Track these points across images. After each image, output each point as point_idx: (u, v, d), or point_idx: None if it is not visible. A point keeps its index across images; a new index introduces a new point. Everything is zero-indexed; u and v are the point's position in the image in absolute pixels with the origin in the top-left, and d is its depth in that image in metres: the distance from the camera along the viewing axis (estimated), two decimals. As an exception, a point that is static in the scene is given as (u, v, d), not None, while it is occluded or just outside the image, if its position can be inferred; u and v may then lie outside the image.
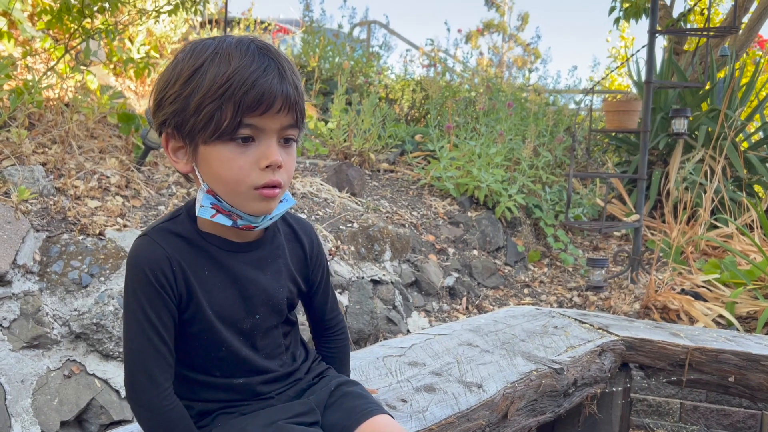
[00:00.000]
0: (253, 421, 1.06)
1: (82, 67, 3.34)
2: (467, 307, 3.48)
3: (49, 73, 3.18)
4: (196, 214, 1.03)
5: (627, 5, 5.64)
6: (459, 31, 11.28)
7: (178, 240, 1.03)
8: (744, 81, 5.53)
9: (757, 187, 5.13)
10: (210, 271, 1.04)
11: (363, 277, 3.05)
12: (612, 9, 5.76)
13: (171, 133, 1.01)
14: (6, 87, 2.98)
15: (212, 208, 1.01)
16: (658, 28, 4.37)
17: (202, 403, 1.09)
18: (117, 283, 2.21)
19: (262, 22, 6.55)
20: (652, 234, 4.65)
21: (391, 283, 3.17)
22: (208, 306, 1.03)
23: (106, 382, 2.09)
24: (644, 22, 5.70)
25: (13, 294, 2.03)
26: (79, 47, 3.40)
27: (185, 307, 1.03)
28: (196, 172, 1.02)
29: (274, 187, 0.99)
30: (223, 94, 0.94)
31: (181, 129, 0.98)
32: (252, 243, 1.09)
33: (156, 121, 1.02)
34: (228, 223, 1.02)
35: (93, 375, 2.08)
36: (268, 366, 1.12)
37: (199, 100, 0.95)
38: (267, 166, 0.98)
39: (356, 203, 3.74)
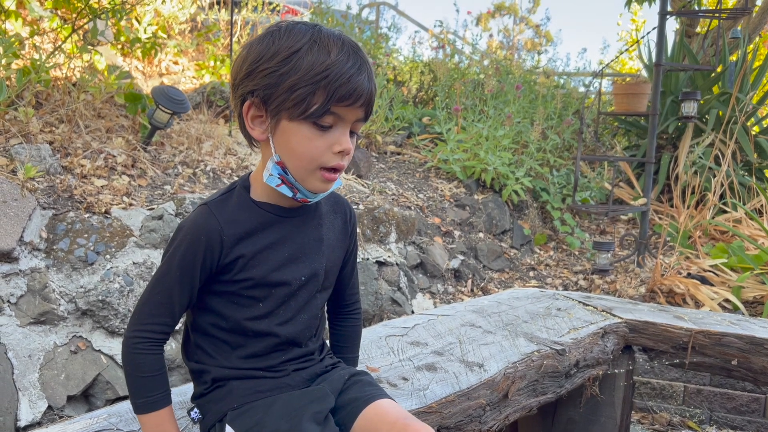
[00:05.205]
0: (269, 410, 1.10)
1: (90, 47, 3.34)
2: (472, 290, 3.49)
3: (56, 52, 3.18)
4: (264, 181, 1.11)
5: (639, -13, 5.55)
6: (468, 12, 11.17)
7: (235, 209, 1.11)
8: (756, 64, 5.45)
9: (767, 172, 5.09)
10: (263, 234, 1.12)
11: (368, 259, 3.06)
12: (623, -10, 5.68)
13: (256, 102, 1.07)
14: (13, 66, 2.99)
15: (279, 178, 1.09)
16: (670, 9, 4.31)
17: (218, 369, 1.14)
18: (122, 261, 2.23)
19: (270, 3, 6.48)
20: (660, 218, 4.63)
21: (396, 264, 3.18)
22: (260, 264, 1.11)
23: (111, 358, 2.11)
24: (656, 5, 5.60)
25: (20, 270, 2.05)
26: (86, 27, 3.39)
27: (232, 267, 1.10)
28: (271, 142, 1.09)
29: (336, 171, 1.09)
30: (319, 81, 1.02)
31: (267, 102, 1.06)
32: (299, 209, 1.17)
33: (241, 88, 1.08)
34: (289, 194, 1.10)
35: (99, 351, 2.10)
36: (296, 337, 1.17)
37: (294, 81, 1.03)
38: (339, 152, 1.07)
39: (362, 185, 3.74)
